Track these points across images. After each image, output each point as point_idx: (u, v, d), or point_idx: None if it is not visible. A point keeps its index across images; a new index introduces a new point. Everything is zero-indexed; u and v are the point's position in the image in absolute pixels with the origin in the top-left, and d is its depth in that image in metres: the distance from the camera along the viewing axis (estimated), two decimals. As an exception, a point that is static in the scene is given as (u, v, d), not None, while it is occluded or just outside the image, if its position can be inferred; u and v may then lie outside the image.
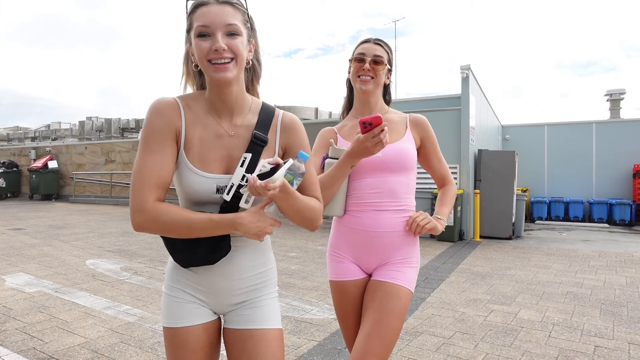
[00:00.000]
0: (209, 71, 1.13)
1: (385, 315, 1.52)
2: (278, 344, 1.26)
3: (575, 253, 6.76)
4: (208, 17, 1.11)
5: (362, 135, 1.47)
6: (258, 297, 1.29)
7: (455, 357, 2.96)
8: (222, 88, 1.17)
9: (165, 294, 1.30)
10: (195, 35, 1.12)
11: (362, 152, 1.50)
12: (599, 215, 10.56)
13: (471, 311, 3.92)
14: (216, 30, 1.11)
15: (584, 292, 4.54)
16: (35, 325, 3.51)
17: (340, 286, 1.68)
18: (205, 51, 1.11)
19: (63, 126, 25.39)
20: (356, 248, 1.66)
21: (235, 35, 1.13)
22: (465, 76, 7.94)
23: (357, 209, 1.65)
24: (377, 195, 1.63)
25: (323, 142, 1.76)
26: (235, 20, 1.13)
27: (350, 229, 1.67)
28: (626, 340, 3.26)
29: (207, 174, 1.17)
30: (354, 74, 1.71)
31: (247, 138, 1.21)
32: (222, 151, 1.20)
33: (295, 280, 4.94)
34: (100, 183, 16.83)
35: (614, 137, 11.08)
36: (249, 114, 1.24)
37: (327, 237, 8.07)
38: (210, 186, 1.17)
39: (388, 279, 1.60)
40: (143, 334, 3.35)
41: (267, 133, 1.23)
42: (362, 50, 1.70)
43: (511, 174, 8.13)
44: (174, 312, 1.26)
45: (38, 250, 6.72)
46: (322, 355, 2.98)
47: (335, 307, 1.74)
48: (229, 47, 1.11)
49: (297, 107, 14.98)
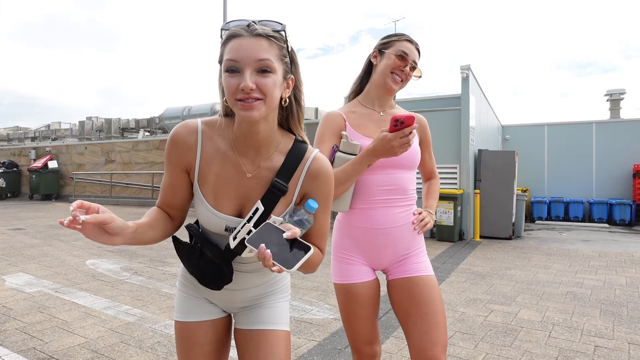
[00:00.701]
0: (235, 108, 1.05)
1: (429, 308, 1.54)
2: (284, 345, 1.26)
3: (575, 253, 6.76)
4: (238, 51, 1.01)
5: (390, 134, 1.39)
6: (267, 300, 1.30)
7: (455, 357, 2.96)
8: (249, 126, 1.10)
9: (178, 289, 1.35)
10: (224, 69, 1.04)
11: (386, 151, 1.42)
12: (599, 215, 10.56)
13: (471, 311, 3.92)
14: (245, 67, 1.01)
15: (584, 292, 4.54)
16: (35, 325, 3.51)
17: (349, 289, 1.62)
18: (233, 89, 1.02)
19: (63, 126, 25.39)
20: (367, 247, 1.61)
21: (267, 72, 1.02)
22: (465, 76, 7.94)
23: (367, 206, 1.59)
24: (388, 192, 1.59)
25: (331, 129, 1.63)
26: (269, 55, 1.02)
27: (360, 228, 1.61)
28: (626, 340, 3.26)
29: (218, 213, 1.15)
30: (388, 68, 1.62)
31: (266, 182, 1.15)
32: (238, 191, 1.15)
33: (295, 280, 4.94)
34: (100, 183, 16.83)
35: (614, 137, 11.08)
36: (275, 154, 1.16)
37: (327, 237, 8.07)
38: (220, 224, 1.15)
39: (414, 273, 1.60)
40: (143, 334, 3.35)
41: (289, 180, 1.15)
42: (406, 49, 1.62)
43: (511, 174, 8.13)
44: (184, 307, 1.30)
45: (38, 250, 6.72)
46: (322, 355, 2.98)
47: (342, 310, 1.67)
48: (258, 86, 1.01)
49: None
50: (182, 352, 1.30)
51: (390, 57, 1.62)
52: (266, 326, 1.27)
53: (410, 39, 1.65)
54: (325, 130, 1.63)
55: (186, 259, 1.22)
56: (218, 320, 1.31)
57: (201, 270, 1.19)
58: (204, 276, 1.19)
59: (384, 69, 1.63)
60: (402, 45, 1.62)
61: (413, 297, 1.56)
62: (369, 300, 1.62)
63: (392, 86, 1.63)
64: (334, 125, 1.63)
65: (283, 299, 1.33)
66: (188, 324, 1.28)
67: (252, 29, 1.03)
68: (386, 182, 1.59)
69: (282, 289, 1.34)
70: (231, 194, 1.15)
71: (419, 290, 1.57)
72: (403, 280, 1.60)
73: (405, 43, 1.63)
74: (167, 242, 7.46)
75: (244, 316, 1.30)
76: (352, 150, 1.55)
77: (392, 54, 1.62)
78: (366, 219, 1.60)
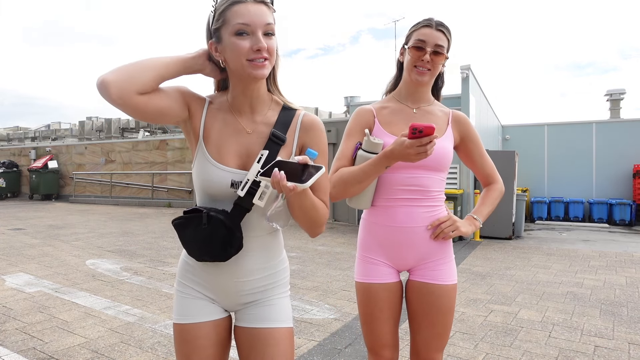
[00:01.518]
0: (246, 69, 1.12)
1: (439, 318, 1.56)
2: (288, 343, 1.26)
3: (575, 253, 6.76)
4: (248, 15, 1.09)
5: (408, 141, 1.35)
6: (268, 297, 1.28)
7: (455, 357, 2.96)
8: (251, 85, 1.18)
9: (176, 289, 1.31)
10: (233, 33, 1.10)
11: (403, 157, 1.39)
12: (599, 215, 10.56)
13: (471, 311, 3.92)
14: (257, 29, 1.10)
15: (584, 292, 4.54)
16: (35, 325, 3.51)
17: (369, 288, 1.58)
18: (245, 50, 1.10)
19: (63, 126, 25.37)
20: (389, 247, 1.58)
21: (271, 35, 1.14)
22: (465, 76, 7.94)
23: (388, 204, 1.56)
24: (409, 191, 1.55)
25: (359, 125, 1.60)
26: (271, 19, 1.13)
27: (383, 226, 1.58)
28: (626, 340, 3.26)
29: (223, 167, 1.19)
30: (410, 63, 1.56)
31: (265, 135, 1.22)
32: (240, 147, 1.21)
33: (295, 280, 4.93)
34: (100, 183, 16.83)
35: (614, 137, 11.08)
36: (269, 112, 1.25)
37: (327, 237, 8.08)
38: (225, 179, 1.18)
39: (434, 280, 1.57)
40: (143, 334, 3.35)
41: (286, 132, 1.23)
42: (423, 36, 1.53)
43: (511, 174, 8.14)
44: (184, 309, 1.26)
45: (38, 250, 6.72)
46: (322, 355, 2.98)
47: (361, 310, 1.62)
48: (267, 48, 1.12)
49: (297, 107, 14.96)
50: (182, 356, 1.26)
51: (409, 51, 1.57)
52: (271, 324, 1.25)
53: (430, 22, 1.55)
54: (353, 125, 1.61)
55: (193, 230, 1.18)
56: (220, 321, 1.28)
57: (210, 239, 1.15)
58: (214, 245, 1.16)
59: (407, 65, 1.58)
60: (418, 34, 1.55)
61: (426, 304, 1.57)
62: (388, 303, 1.58)
63: (418, 79, 1.56)
64: (362, 122, 1.60)
65: (284, 294, 1.32)
66: (189, 326, 1.25)
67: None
68: (408, 182, 1.55)
69: (282, 282, 1.32)
70: (234, 150, 1.21)
71: (433, 299, 1.56)
72: (422, 284, 1.58)
73: (422, 30, 1.55)
74: (166, 242, 7.46)
75: (247, 314, 1.28)
76: (373, 149, 1.51)
77: (409, 47, 1.57)
78: (387, 216, 1.57)
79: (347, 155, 1.58)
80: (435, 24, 1.54)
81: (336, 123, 10.52)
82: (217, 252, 1.17)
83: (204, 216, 1.15)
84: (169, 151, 15.39)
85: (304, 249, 6.90)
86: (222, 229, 1.15)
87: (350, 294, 4.43)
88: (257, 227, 1.23)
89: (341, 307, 4.00)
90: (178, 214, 6.07)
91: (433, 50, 1.53)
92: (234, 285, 1.25)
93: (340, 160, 1.58)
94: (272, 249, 1.29)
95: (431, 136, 1.32)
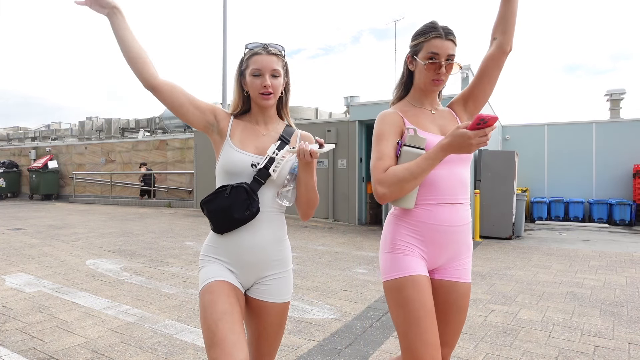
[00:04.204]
0: (258, 100, 1.61)
1: (456, 317, 1.64)
2: (286, 313, 1.65)
3: (575, 253, 6.76)
4: (261, 63, 1.59)
5: (471, 132, 1.38)
6: (278, 272, 1.62)
7: (455, 357, 2.95)
8: (263, 108, 1.66)
9: (201, 262, 1.62)
10: (251, 74, 1.60)
11: (463, 147, 1.40)
12: (599, 215, 10.56)
13: (471, 311, 3.92)
14: (265, 73, 1.59)
15: (584, 292, 4.54)
16: (35, 325, 3.51)
17: (413, 281, 1.53)
18: (258, 87, 1.59)
19: (63, 126, 25.38)
20: (429, 245, 1.58)
21: (276, 77, 1.61)
22: (465, 76, 7.95)
23: (432, 202, 1.57)
24: (451, 187, 1.58)
25: (391, 126, 1.61)
26: (278, 66, 1.61)
27: (424, 224, 1.57)
28: (626, 340, 3.26)
29: (245, 152, 1.60)
30: (427, 78, 1.61)
31: (276, 137, 1.67)
32: (257, 142, 1.64)
33: (295, 280, 4.94)
34: (100, 183, 16.84)
35: (614, 137, 11.08)
36: (278, 126, 1.72)
37: (327, 237, 8.08)
38: (246, 161, 1.57)
39: (458, 279, 1.63)
40: (143, 334, 3.35)
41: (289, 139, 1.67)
42: (435, 49, 1.57)
43: (511, 174, 8.14)
44: (210, 273, 1.55)
45: (38, 250, 6.72)
46: (322, 355, 2.98)
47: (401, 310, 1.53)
48: (272, 85, 1.59)
49: (297, 107, 14.97)
50: (207, 302, 1.48)
51: (422, 66, 1.60)
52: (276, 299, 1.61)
53: (439, 32, 1.58)
54: (384, 128, 1.62)
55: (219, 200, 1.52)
56: (238, 290, 1.56)
57: (233, 204, 1.50)
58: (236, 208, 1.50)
59: (423, 78, 1.63)
60: (430, 46, 1.58)
61: (447, 302, 1.62)
62: (429, 295, 1.54)
63: (435, 89, 1.65)
64: (392, 123, 1.62)
65: (289, 270, 1.66)
66: (215, 282, 1.52)
67: (268, 50, 1.61)
68: (448, 177, 1.58)
69: (289, 258, 1.66)
70: (253, 143, 1.63)
71: (454, 297, 1.62)
72: (445, 282, 1.62)
73: (433, 42, 1.57)
74: (166, 242, 7.46)
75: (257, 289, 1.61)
76: (419, 144, 1.54)
77: (423, 61, 1.60)
78: (431, 215, 1.57)
79: (390, 155, 1.57)
80: (445, 34, 1.57)
81: (336, 123, 10.52)
82: (240, 214, 1.50)
83: (228, 187, 1.53)
84: (169, 151, 15.39)
85: (304, 249, 6.90)
86: (244, 193, 1.51)
87: (350, 294, 4.43)
88: (269, 205, 1.58)
89: (341, 307, 4.00)
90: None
91: (446, 62, 1.58)
92: (253, 256, 1.56)
93: (384, 161, 1.56)
94: (281, 225, 1.64)
95: (492, 126, 1.37)
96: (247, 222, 1.53)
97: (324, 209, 10.37)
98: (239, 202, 1.50)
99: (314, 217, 10.58)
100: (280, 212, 1.63)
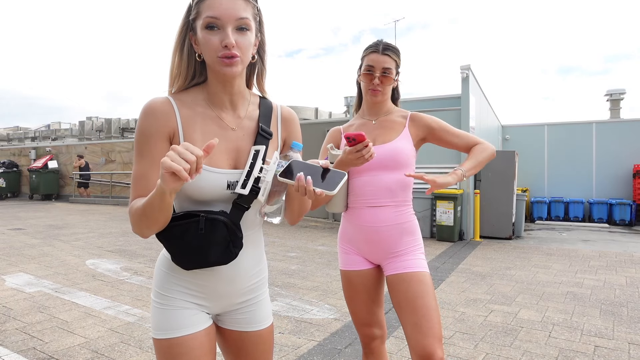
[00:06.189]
0: (216, 65, 1.07)
1: (418, 302, 1.61)
2: (271, 337, 1.32)
3: (575, 253, 6.76)
4: (219, 8, 1.04)
5: (348, 148, 1.56)
6: (255, 296, 1.27)
7: (455, 357, 2.96)
8: (226, 81, 1.13)
9: (159, 302, 1.18)
10: (203, 26, 1.05)
11: (349, 163, 1.59)
12: (599, 215, 10.55)
13: (471, 311, 3.92)
14: (227, 24, 1.04)
15: (584, 292, 4.54)
16: (35, 325, 3.51)
17: (347, 275, 1.82)
18: (215, 46, 1.05)
19: (63, 126, 25.38)
20: (360, 242, 1.78)
21: (245, 30, 1.07)
22: (465, 76, 7.94)
23: (356, 206, 1.77)
24: (373, 192, 1.72)
25: (329, 142, 1.85)
26: (247, 14, 1.07)
27: (354, 224, 1.78)
28: (626, 340, 3.26)
29: (216, 169, 1.10)
30: (365, 87, 1.78)
31: (252, 130, 1.18)
32: (228, 144, 1.14)
33: (295, 280, 4.94)
34: (100, 183, 16.83)
35: (614, 137, 11.08)
36: (250, 107, 1.21)
37: (327, 237, 8.09)
38: (220, 182, 1.10)
39: (403, 270, 1.69)
40: (143, 334, 3.35)
41: (269, 126, 1.20)
42: (371, 62, 1.73)
43: (511, 174, 8.13)
44: (172, 322, 1.15)
45: (38, 250, 6.72)
46: (322, 355, 2.98)
47: (344, 294, 1.89)
48: (237, 44, 1.05)
49: (297, 107, 14.99)
50: None
51: (361, 77, 1.78)
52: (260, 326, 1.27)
53: (377, 47, 1.73)
54: (324, 144, 1.86)
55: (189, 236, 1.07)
56: (209, 328, 1.20)
57: (209, 244, 1.07)
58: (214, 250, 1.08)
59: (363, 88, 1.80)
60: (367, 59, 1.75)
61: (403, 292, 1.67)
62: (362, 287, 1.79)
63: (373, 99, 1.78)
64: (331, 139, 1.87)
65: (265, 292, 1.32)
66: (180, 340, 1.13)
67: None
68: (370, 183, 1.72)
69: (266, 278, 1.32)
70: (223, 148, 1.13)
71: (406, 286, 1.67)
72: (394, 277, 1.70)
73: (370, 56, 1.74)
74: (167, 242, 7.46)
75: (235, 317, 1.25)
76: (332, 159, 1.71)
77: (361, 73, 1.78)
78: (357, 216, 1.77)
79: None
80: (382, 49, 1.73)
81: (336, 123, 10.53)
82: (218, 256, 1.09)
83: (201, 220, 1.05)
84: (169, 151, 15.38)
85: (304, 249, 6.90)
86: (223, 229, 1.07)
87: (350, 294, 4.43)
88: (251, 225, 1.20)
89: (341, 307, 4.00)
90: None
91: (381, 74, 1.72)
92: (231, 286, 1.19)
93: None
94: (260, 244, 1.27)
95: (364, 142, 1.51)
96: (226, 263, 1.12)
97: (324, 209, 10.36)
98: (218, 240, 1.07)
99: (314, 217, 10.59)
100: (260, 226, 1.26)
